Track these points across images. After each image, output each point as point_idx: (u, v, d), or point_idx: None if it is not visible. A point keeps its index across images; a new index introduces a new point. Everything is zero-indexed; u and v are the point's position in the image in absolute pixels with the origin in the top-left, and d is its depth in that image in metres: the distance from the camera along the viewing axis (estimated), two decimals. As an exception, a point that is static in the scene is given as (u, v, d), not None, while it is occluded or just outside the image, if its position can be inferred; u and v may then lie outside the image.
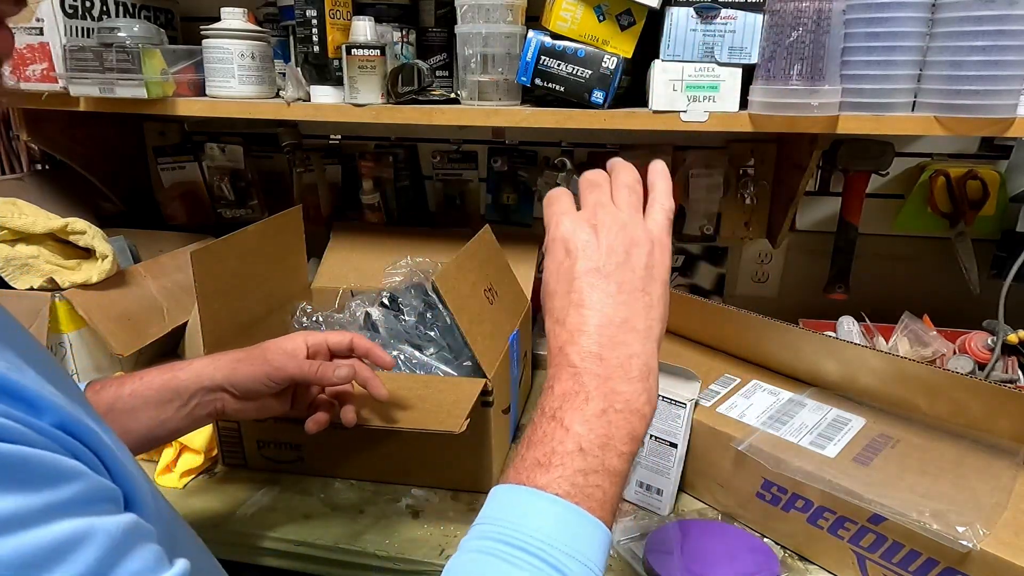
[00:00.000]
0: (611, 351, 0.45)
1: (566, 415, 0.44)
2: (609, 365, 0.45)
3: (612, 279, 0.47)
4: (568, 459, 0.43)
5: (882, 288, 1.23)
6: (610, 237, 0.47)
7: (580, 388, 0.44)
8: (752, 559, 0.74)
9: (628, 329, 0.46)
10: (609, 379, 0.45)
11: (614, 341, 0.46)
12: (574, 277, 0.47)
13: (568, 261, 0.48)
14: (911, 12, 0.78)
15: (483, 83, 0.93)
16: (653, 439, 0.84)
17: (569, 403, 0.44)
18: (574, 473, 0.42)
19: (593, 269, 0.47)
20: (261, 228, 0.99)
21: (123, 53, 0.93)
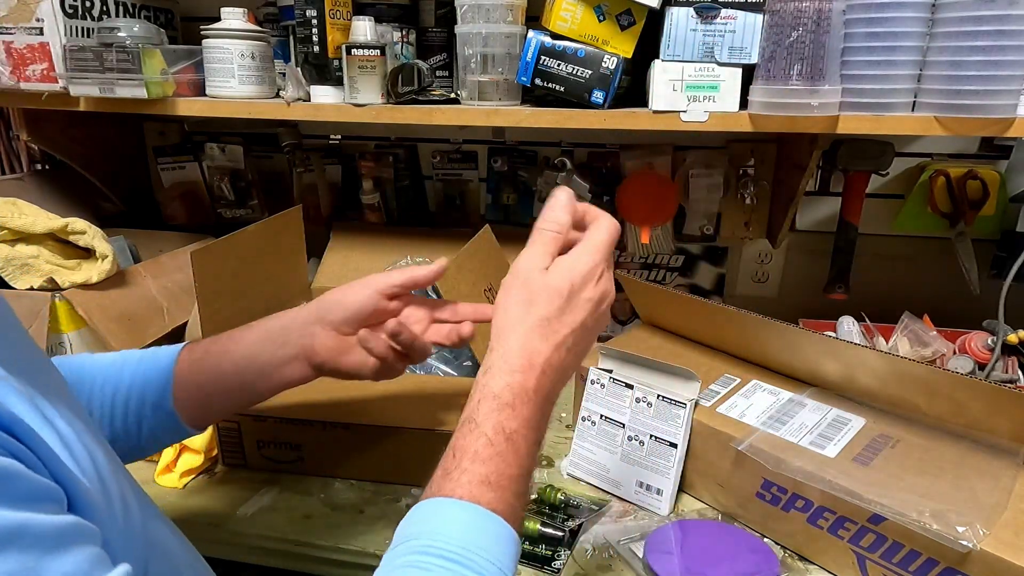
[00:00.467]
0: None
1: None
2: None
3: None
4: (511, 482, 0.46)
5: (882, 288, 1.23)
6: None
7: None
8: (752, 559, 0.74)
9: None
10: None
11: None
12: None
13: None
14: (911, 12, 0.78)
15: (483, 83, 0.93)
16: (653, 439, 0.84)
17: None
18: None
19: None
20: (261, 228, 0.99)
21: (123, 53, 0.93)
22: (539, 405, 0.49)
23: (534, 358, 0.50)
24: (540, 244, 0.54)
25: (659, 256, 1.33)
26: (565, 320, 0.51)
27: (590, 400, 0.89)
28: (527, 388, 0.49)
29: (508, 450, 0.46)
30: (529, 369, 0.49)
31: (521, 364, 0.49)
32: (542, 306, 0.51)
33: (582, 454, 0.90)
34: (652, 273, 1.35)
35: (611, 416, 0.87)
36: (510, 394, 0.48)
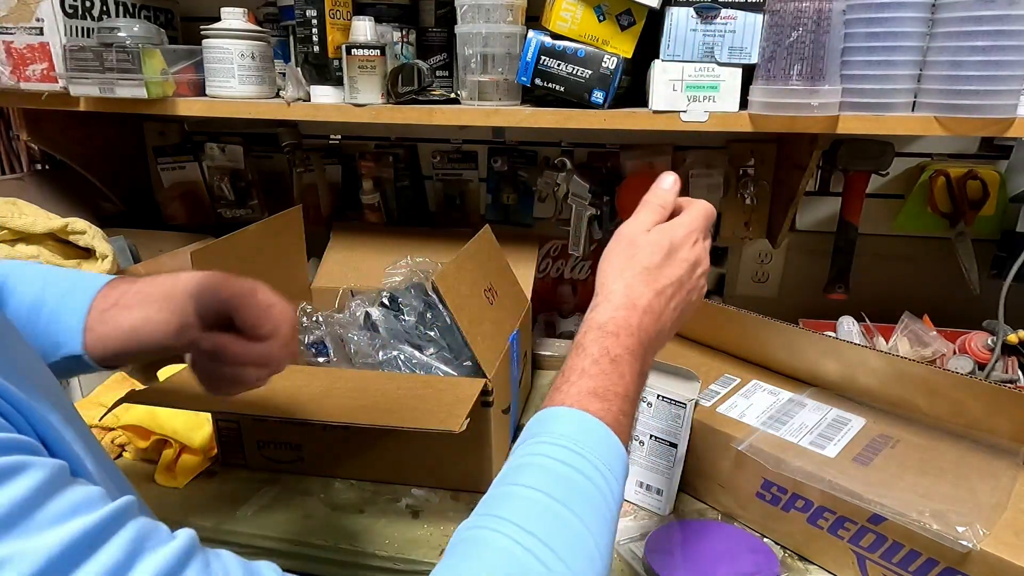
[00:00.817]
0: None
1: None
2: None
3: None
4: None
5: (882, 288, 1.23)
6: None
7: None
8: (752, 559, 0.74)
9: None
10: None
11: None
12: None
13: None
14: (911, 12, 0.78)
15: (483, 83, 0.93)
16: (653, 439, 0.84)
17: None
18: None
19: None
20: (261, 228, 0.99)
21: (123, 53, 0.93)
22: (641, 341, 0.53)
23: (637, 299, 0.54)
24: (645, 214, 0.59)
25: (659, 256, 1.33)
26: (665, 272, 0.56)
27: (590, 400, 0.89)
28: (630, 323, 0.53)
29: (613, 370, 0.50)
30: (632, 308, 0.54)
31: (624, 303, 0.54)
32: (644, 257, 0.56)
33: (582, 454, 0.90)
34: (652, 273, 1.34)
35: (611, 416, 0.87)
36: (614, 325, 0.52)
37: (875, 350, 0.91)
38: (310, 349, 1.04)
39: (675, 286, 0.56)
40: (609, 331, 0.52)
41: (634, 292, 0.55)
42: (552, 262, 1.36)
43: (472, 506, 0.85)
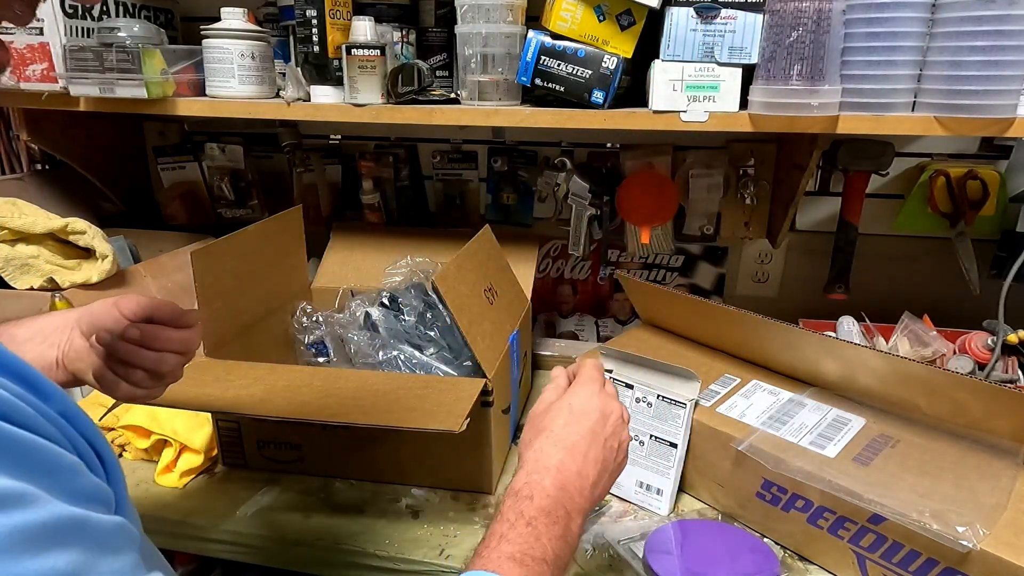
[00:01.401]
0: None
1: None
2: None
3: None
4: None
5: (882, 288, 1.23)
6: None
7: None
8: (752, 559, 0.74)
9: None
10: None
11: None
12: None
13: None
14: (911, 12, 0.78)
15: (483, 83, 0.93)
16: (653, 439, 0.84)
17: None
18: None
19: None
20: (261, 228, 0.99)
21: (123, 53, 0.93)
22: (559, 502, 0.53)
23: (547, 461, 0.56)
24: (545, 393, 0.64)
25: (659, 256, 1.33)
26: (572, 429, 0.58)
27: (590, 400, 0.89)
28: (543, 485, 0.53)
29: (529, 534, 0.50)
30: (544, 470, 0.55)
31: (535, 467, 0.55)
32: (549, 423, 0.59)
33: (582, 454, 0.90)
34: (652, 273, 1.35)
35: (611, 416, 0.87)
36: (528, 489, 0.53)
37: (875, 350, 0.91)
38: (310, 349, 1.04)
39: (588, 439, 0.57)
40: (523, 495, 0.52)
41: (543, 455, 0.56)
42: (552, 262, 1.36)
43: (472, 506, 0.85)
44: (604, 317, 1.39)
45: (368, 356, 0.98)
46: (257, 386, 0.81)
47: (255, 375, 0.84)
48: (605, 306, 1.39)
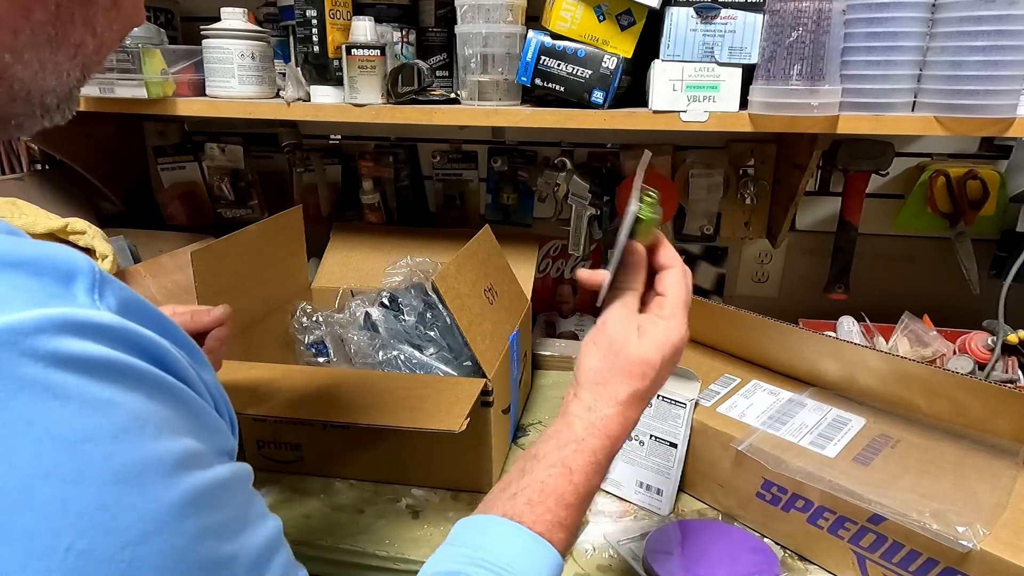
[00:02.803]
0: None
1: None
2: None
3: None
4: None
5: (882, 288, 1.23)
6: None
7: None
8: (752, 559, 0.74)
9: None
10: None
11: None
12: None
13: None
14: (911, 12, 0.78)
15: (483, 83, 0.93)
16: (653, 439, 0.84)
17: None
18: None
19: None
20: (261, 228, 0.99)
21: (123, 53, 0.93)
22: (607, 455, 0.53)
23: (625, 425, 0.55)
24: (623, 305, 0.58)
25: (659, 256, 1.33)
26: (652, 389, 0.56)
27: (590, 400, 0.89)
28: (606, 446, 0.53)
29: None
30: (611, 437, 0.54)
31: (612, 430, 0.54)
32: (636, 381, 0.55)
33: (582, 454, 0.90)
34: (652, 273, 1.34)
35: (611, 416, 0.87)
36: (598, 455, 0.53)
37: (875, 350, 0.91)
38: (310, 349, 1.04)
39: (659, 386, 0.56)
40: (591, 460, 0.52)
41: (625, 417, 0.54)
42: (552, 262, 1.36)
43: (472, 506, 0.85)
44: (604, 317, 1.39)
45: (368, 356, 0.98)
46: (257, 386, 0.81)
47: (255, 375, 0.84)
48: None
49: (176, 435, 0.31)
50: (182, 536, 0.30)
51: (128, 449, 0.28)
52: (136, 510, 0.28)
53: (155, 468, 0.29)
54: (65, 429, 0.27)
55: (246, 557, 0.34)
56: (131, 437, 0.29)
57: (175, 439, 0.31)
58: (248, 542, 0.34)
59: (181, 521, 0.30)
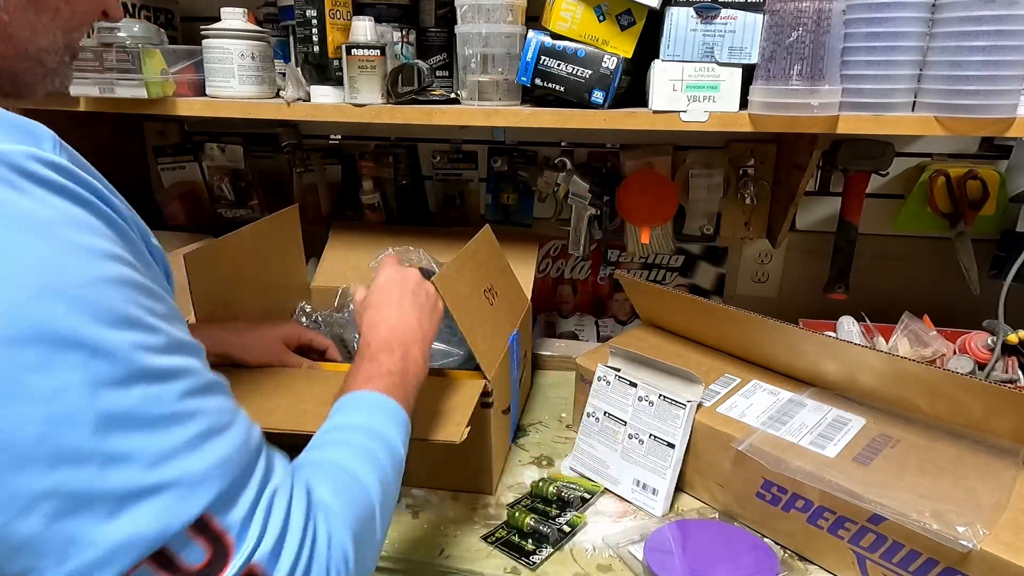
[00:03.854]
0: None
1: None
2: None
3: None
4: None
5: (882, 288, 1.23)
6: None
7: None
8: (752, 558, 0.74)
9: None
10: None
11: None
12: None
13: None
14: (911, 12, 0.78)
15: (483, 83, 0.93)
16: (652, 438, 0.84)
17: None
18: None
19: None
20: (257, 229, 0.98)
21: (123, 53, 0.93)
22: (388, 339, 0.67)
23: (369, 323, 0.70)
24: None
25: (659, 256, 1.33)
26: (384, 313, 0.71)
27: (596, 397, 0.90)
28: (376, 335, 0.68)
29: (371, 364, 0.64)
30: (371, 328, 0.69)
31: (367, 331, 0.69)
32: (367, 306, 0.73)
33: (585, 449, 0.90)
34: (652, 273, 1.35)
35: (614, 413, 0.87)
36: (365, 343, 0.67)
37: (875, 350, 0.91)
38: (310, 349, 1.04)
39: (395, 297, 0.71)
40: (364, 350, 0.66)
41: (367, 322, 0.69)
42: (552, 262, 1.36)
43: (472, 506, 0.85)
44: (604, 317, 1.39)
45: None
46: (256, 393, 0.81)
47: (253, 380, 0.84)
48: (605, 306, 1.39)
49: (113, 245, 0.38)
50: (108, 294, 0.37)
51: (73, 234, 0.36)
52: (74, 271, 0.35)
53: (93, 251, 0.37)
54: (20, 213, 0.35)
55: (170, 339, 0.39)
56: (76, 229, 0.37)
57: (111, 247, 0.38)
58: (172, 332, 0.40)
59: (107, 288, 0.37)
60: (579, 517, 0.82)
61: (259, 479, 0.41)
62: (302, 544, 0.41)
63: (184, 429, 0.38)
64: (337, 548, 0.44)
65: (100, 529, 0.34)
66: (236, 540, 0.38)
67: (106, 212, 0.39)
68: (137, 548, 0.35)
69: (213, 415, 0.40)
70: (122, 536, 0.35)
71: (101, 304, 0.36)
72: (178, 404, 0.38)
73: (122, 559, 0.35)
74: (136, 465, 0.35)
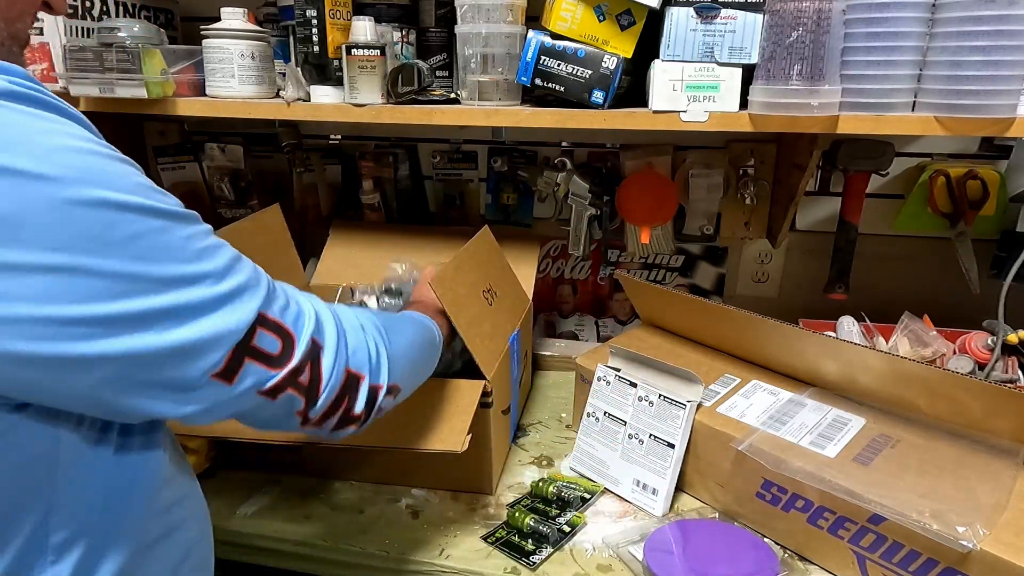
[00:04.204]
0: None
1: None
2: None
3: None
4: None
5: (882, 288, 1.23)
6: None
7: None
8: (752, 558, 0.74)
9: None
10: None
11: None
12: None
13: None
14: (911, 12, 0.78)
15: (483, 83, 0.93)
16: (652, 438, 0.84)
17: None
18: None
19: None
20: (238, 227, 0.97)
21: (123, 53, 0.93)
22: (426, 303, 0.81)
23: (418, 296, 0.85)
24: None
25: (659, 256, 1.33)
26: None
27: (596, 396, 0.90)
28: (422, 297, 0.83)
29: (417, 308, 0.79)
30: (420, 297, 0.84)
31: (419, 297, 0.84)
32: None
33: (585, 449, 0.90)
34: (652, 273, 1.35)
35: (614, 413, 0.87)
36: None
37: (875, 350, 0.91)
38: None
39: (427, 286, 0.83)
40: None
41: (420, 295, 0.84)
42: (552, 262, 1.36)
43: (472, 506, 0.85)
44: (604, 317, 1.39)
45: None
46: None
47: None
48: (605, 306, 1.39)
49: (101, 142, 0.44)
50: (123, 168, 0.44)
51: (71, 129, 0.42)
52: (64, 158, 0.40)
53: (91, 141, 0.43)
54: (24, 119, 0.40)
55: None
56: (72, 128, 0.43)
57: (100, 142, 0.44)
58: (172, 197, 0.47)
59: (120, 164, 0.44)
60: (579, 517, 0.82)
61: (279, 287, 0.53)
62: (334, 317, 0.55)
63: (222, 255, 0.48)
64: (364, 320, 0.58)
65: (202, 323, 0.45)
66: (292, 328, 0.51)
67: (85, 122, 0.45)
68: (230, 338, 0.46)
69: (229, 247, 0.50)
70: (218, 328, 0.46)
71: (126, 176, 0.44)
72: (210, 239, 0.48)
73: (223, 344, 0.46)
74: (211, 281, 0.46)
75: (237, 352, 0.47)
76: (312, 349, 0.52)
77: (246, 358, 0.48)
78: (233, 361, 0.47)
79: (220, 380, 0.47)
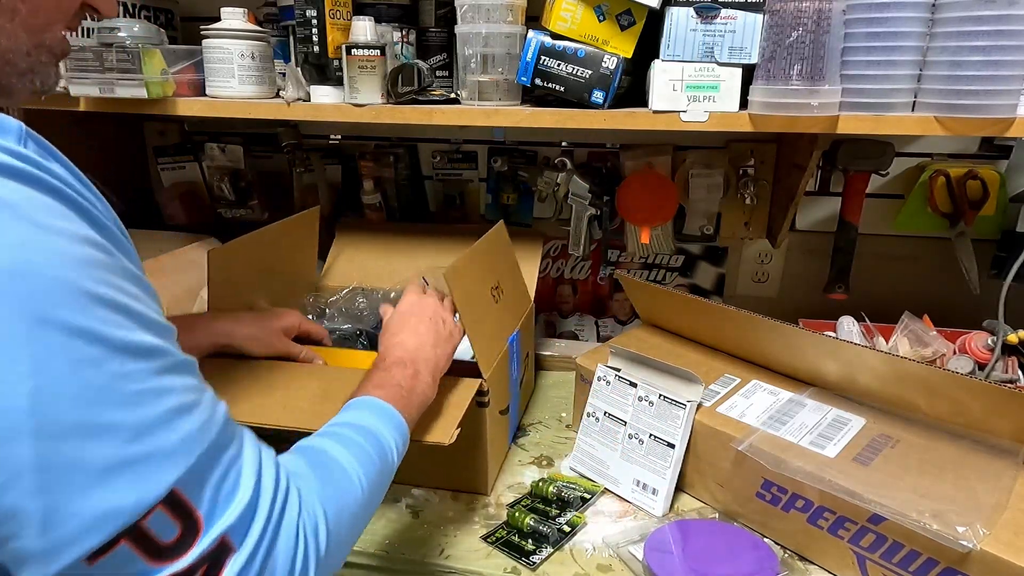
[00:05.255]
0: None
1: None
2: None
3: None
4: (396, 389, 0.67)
5: (882, 288, 1.23)
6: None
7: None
8: (752, 558, 0.74)
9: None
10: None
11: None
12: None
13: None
14: (911, 12, 0.78)
15: (483, 83, 0.93)
16: (652, 438, 0.84)
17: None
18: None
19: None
20: (279, 228, 1.00)
21: (123, 53, 0.93)
22: (402, 357, 0.72)
23: (387, 344, 0.75)
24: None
25: (659, 256, 1.33)
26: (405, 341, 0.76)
27: (596, 396, 0.90)
28: (392, 353, 0.72)
29: (385, 375, 0.68)
30: (389, 348, 0.74)
31: (384, 350, 0.74)
32: (385, 329, 0.79)
33: (585, 449, 0.90)
34: (652, 273, 1.35)
35: (614, 413, 0.87)
36: (382, 358, 0.72)
37: (875, 350, 0.91)
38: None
39: (412, 322, 0.77)
40: (379, 363, 0.71)
41: (386, 342, 0.75)
42: (552, 262, 1.36)
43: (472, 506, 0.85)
44: (604, 317, 1.39)
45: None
46: (254, 388, 0.81)
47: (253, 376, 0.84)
48: (605, 306, 1.39)
49: (82, 228, 0.39)
50: (81, 274, 0.37)
51: (42, 217, 0.37)
52: (45, 251, 0.36)
53: (62, 233, 0.37)
54: None
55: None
56: (44, 213, 0.37)
57: (80, 229, 0.39)
58: (146, 313, 0.41)
59: (80, 268, 0.37)
60: (579, 517, 0.82)
61: (227, 454, 0.42)
62: (271, 511, 0.43)
63: (158, 405, 0.39)
64: (309, 514, 0.46)
65: (81, 500, 0.35)
66: (205, 516, 0.40)
67: (73, 198, 0.40)
68: (115, 520, 0.36)
69: (183, 393, 0.41)
70: (102, 507, 0.36)
71: (75, 284, 0.36)
72: (152, 381, 0.39)
73: (101, 530, 0.36)
74: (115, 439, 0.36)
75: (118, 535, 0.36)
76: (216, 549, 0.40)
77: (123, 540, 0.37)
78: (106, 543, 0.36)
79: (83, 562, 0.36)
